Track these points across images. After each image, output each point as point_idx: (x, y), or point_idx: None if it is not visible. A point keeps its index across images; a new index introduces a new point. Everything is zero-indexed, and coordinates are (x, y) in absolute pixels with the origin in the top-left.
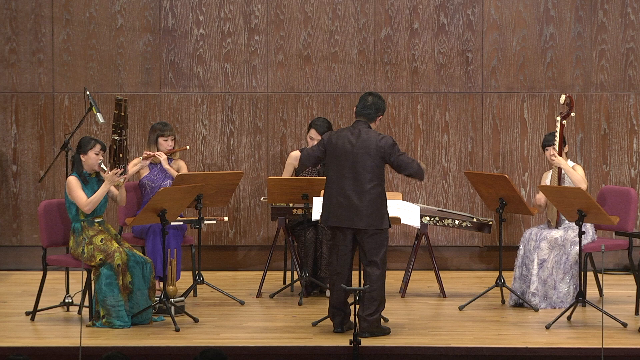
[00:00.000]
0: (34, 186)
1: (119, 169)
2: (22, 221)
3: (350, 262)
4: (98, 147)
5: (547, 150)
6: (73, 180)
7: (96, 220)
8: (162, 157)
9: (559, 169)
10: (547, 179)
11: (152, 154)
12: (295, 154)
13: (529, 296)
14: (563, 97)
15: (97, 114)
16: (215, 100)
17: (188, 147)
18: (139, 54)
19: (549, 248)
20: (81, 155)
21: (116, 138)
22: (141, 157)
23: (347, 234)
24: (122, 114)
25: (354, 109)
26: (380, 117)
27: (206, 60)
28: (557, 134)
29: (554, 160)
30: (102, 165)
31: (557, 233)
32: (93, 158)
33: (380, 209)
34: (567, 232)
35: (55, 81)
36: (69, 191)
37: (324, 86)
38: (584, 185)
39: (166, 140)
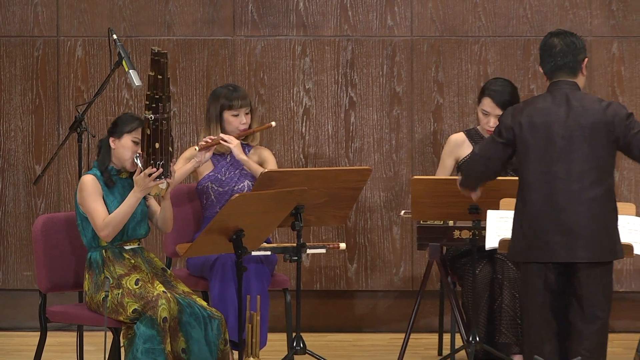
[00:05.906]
0: (25, 191)
1: (155, 169)
2: (8, 249)
3: (561, 318)
4: (140, 132)
5: None
6: (88, 183)
7: (127, 248)
8: (233, 144)
9: None
10: None
11: (214, 139)
12: (458, 137)
13: None
14: None
15: (130, 71)
16: (326, 49)
17: (274, 124)
18: None
19: None
20: (111, 140)
21: (151, 117)
22: (196, 147)
23: (552, 272)
24: (161, 76)
25: (539, 69)
26: (586, 60)
27: None
28: None
29: None
30: (138, 161)
31: None
32: (129, 147)
33: (609, 226)
34: None
35: (61, 19)
36: (80, 200)
37: (505, 27)
38: None
39: (237, 116)
